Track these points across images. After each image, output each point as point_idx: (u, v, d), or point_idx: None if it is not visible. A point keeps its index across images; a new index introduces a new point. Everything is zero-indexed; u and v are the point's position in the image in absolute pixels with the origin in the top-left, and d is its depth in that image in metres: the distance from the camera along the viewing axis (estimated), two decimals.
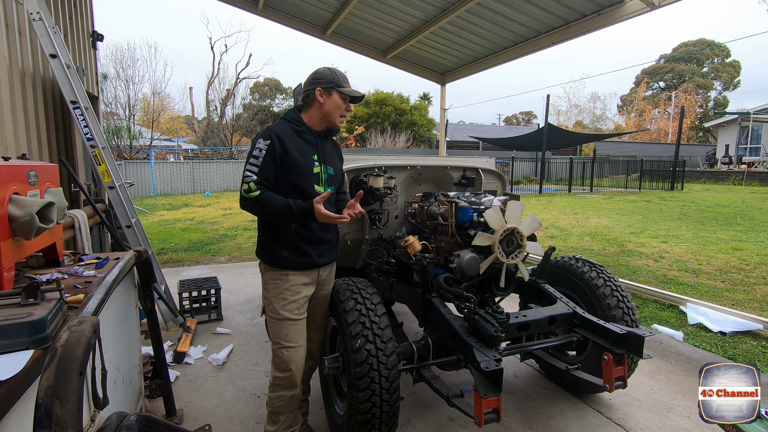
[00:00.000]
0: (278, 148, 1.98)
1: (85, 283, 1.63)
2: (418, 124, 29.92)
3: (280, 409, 2.12)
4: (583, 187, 21.56)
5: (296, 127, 2.09)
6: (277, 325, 2.07)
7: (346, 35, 7.19)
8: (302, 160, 2.04)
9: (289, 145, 2.01)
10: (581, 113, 47.15)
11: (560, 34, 5.42)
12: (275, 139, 1.98)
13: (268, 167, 1.97)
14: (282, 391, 2.09)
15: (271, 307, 2.09)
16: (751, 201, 14.10)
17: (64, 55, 3.40)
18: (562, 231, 9.23)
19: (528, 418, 2.62)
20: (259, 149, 1.96)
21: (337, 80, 2.09)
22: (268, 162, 1.96)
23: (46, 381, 0.85)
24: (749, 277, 5.49)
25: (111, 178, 3.61)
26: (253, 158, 1.97)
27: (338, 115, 2.11)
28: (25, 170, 1.60)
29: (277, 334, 2.08)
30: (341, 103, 2.09)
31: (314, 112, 2.11)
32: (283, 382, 2.08)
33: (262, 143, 1.97)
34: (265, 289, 2.14)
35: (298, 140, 2.06)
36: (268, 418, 2.18)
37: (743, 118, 25.79)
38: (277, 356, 2.08)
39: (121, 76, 24.59)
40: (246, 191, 1.93)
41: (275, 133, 2.00)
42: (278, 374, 2.08)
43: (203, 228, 9.84)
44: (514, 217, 2.30)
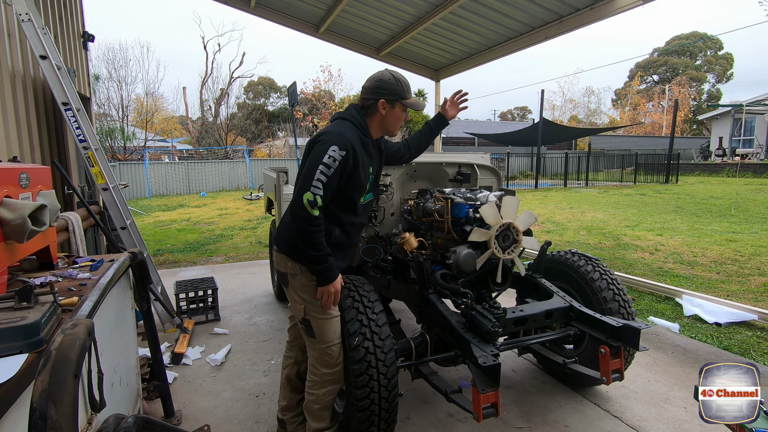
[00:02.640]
0: (350, 162, 1.87)
1: (79, 285, 1.62)
2: (413, 120, 29.85)
3: (329, 404, 2.08)
4: (579, 181, 21.63)
5: (363, 137, 1.99)
6: (327, 324, 1.99)
7: (339, 32, 7.16)
8: (364, 174, 1.98)
9: (360, 160, 1.91)
10: (576, 108, 47.27)
11: (554, 29, 5.42)
12: (350, 151, 1.86)
13: (335, 180, 1.84)
14: (332, 386, 2.05)
15: (316, 308, 1.98)
16: (744, 192, 14.20)
17: (54, 56, 3.37)
18: (558, 225, 9.26)
19: (526, 412, 2.63)
20: (333, 159, 1.80)
21: (402, 92, 1.99)
22: (337, 174, 1.84)
23: (40, 384, 0.85)
24: (744, 268, 5.53)
25: (105, 179, 3.58)
26: (325, 167, 1.79)
27: (398, 126, 2.05)
28: (16, 173, 1.59)
29: (326, 333, 1.98)
30: (402, 115, 2.02)
31: (374, 123, 2.03)
32: (334, 377, 2.03)
33: (337, 153, 1.81)
34: (303, 291, 2.00)
35: (363, 153, 1.96)
36: (315, 417, 2.10)
37: (736, 110, 25.93)
38: (326, 354, 1.99)
39: (114, 76, 24.42)
40: (310, 203, 1.78)
41: (352, 145, 1.87)
42: (328, 370, 2.01)
43: (199, 228, 9.81)
44: (509, 213, 2.30)
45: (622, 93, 48.24)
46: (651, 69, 46.34)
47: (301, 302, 2.02)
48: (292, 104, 7.72)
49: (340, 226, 2.03)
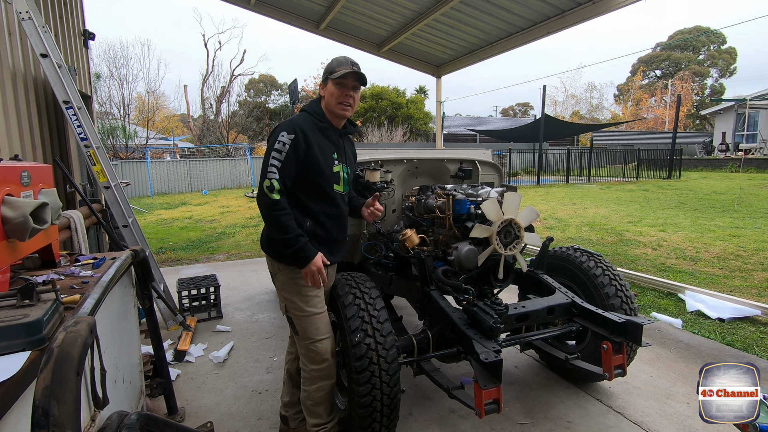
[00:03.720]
0: (302, 144, 1.91)
1: (81, 283, 1.63)
2: (414, 117, 29.81)
3: (321, 400, 2.09)
4: (581, 177, 21.55)
5: (318, 123, 2.02)
6: (306, 321, 2.01)
7: (340, 29, 7.13)
8: (324, 158, 1.98)
9: (313, 142, 1.94)
10: (578, 103, 47.06)
11: (555, 24, 5.39)
12: (300, 133, 1.90)
13: (290, 163, 1.89)
14: (321, 382, 2.06)
15: (295, 305, 2.02)
16: (748, 188, 14.13)
17: (55, 54, 3.37)
18: (560, 221, 9.24)
19: (528, 408, 2.63)
20: (282, 143, 1.87)
21: (331, 67, 1.99)
22: (291, 158, 1.88)
23: (42, 382, 0.85)
24: (747, 264, 5.51)
25: (106, 177, 3.59)
26: (276, 152, 1.87)
27: (335, 102, 1.99)
28: (17, 171, 1.59)
29: (307, 330, 2.01)
30: (335, 90, 1.98)
31: (324, 107, 2.05)
32: (322, 373, 2.04)
33: (285, 137, 1.88)
34: (282, 289, 2.06)
35: (319, 137, 2.00)
36: (310, 413, 2.12)
37: (740, 105, 25.76)
38: (311, 351, 2.01)
39: (115, 75, 24.36)
40: (269, 188, 1.85)
41: (300, 127, 1.92)
42: (315, 367, 2.03)
43: (201, 226, 9.83)
44: (511, 209, 2.29)
45: (624, 88, 48.01)
46: (653, 64, 46.07)
47: (283, 300, 2.08)
48: (293, 102, 7.71)
49: (312, 217, 2.02)
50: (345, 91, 1.99)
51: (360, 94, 2.10)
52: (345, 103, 2.01)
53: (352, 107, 2.04)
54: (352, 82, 2.00)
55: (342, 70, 1.95)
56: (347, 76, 1.96)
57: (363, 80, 2.01)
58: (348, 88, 1.99)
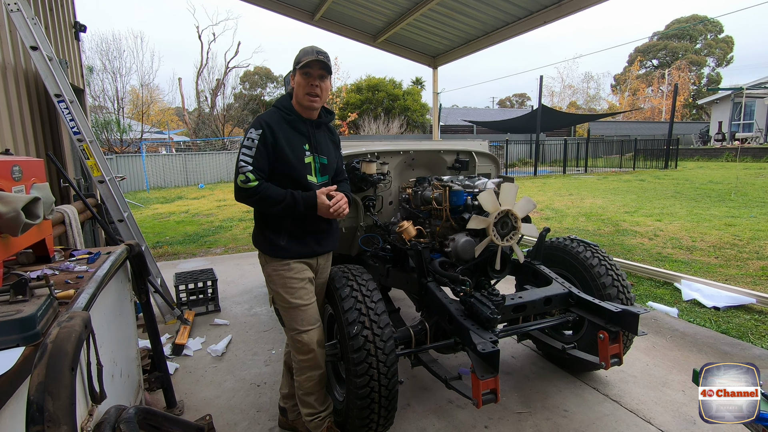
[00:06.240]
0: (269, 137, 1.96)
1: (76, 278, 1.62)
2: (411, 109, 29.68)
3: (312, 389, 2.12)
4: (578, 168, 21.58)
5: (286, 116, 2.05)
6: (291, 313, 2.06)
7: (335, 20, 7.06)
8: (292, 150, 2.01)
9: (279, 135, 1.99)
10: (575, 94, 46.98)
11: (552, 13, 5.35)
12: (266, 128, 1.96)
13: (262, 157, 1.95)
14: (310, 372, 2.09)
15: (281, 297, 2.07)
16: (744, 177, 14.18)
17: (45, 47, 3.32)
18: (557, 212, 9.26)
19: (526, 398, 2.65)
20: (251, 139, 1.94)
21: (298, 58, 2.00)
22: (261, 152, 1.94)
23: (37, 378, 0.85)
24: (742, 253, 5.54)
25: (100, 172, 3.55)
26: (246, 148, 1.94)
27: (303, 93, 2.00)
28: (8, 166, 1.57)
29: (292, 321, 2.06)
30: (301, 80, 1.99)
31: (294, 100, 2.08)
32: (309, 363, 2.07)
33: (253, 133, 1.95)
34: (269, 281, 2.11)
35: (288, 129, 2.03)
36: (302, 403, 2.17)
37: (736, 94, 25.74)
38: (296, 341, 2.06)
39: (108, 68, 24.12)
40: (243, 182, 1.90)
41: (265, 121, 1.98)
42: (302, 357, 2.07)
43: (198, 220, 9.79)
44: (508, 200, 2.29)
45: (621, 78, 47.88)
46: (650, 53, 45.89)
47: (270, 291, 2.15)
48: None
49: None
50: (311, 80, 1.99)
51: (329, 83, 2.08)
52: (312, 93, 2.01)
53: (320, 97, 2.03)
54: (318, 71, 1.99)
55: (307, 59, 1.96)
56: (312, 64, 1.96)
57: (328, 68, 2.01)
58: (314, 78, 1.99)
